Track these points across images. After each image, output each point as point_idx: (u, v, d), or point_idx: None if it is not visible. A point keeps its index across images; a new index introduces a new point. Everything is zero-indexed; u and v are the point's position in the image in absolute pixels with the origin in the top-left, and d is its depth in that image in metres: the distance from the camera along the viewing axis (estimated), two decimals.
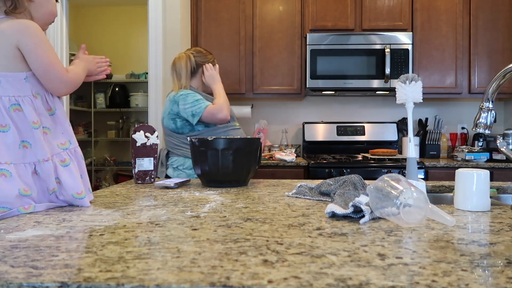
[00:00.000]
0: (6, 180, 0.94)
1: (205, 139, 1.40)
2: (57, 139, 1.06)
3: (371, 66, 3.04)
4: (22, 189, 0.96)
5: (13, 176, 0.95)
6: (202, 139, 1.41)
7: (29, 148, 0.99)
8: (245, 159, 1.42)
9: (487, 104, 1.16)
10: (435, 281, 0.51)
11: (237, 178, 1.42)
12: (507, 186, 1.51)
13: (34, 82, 1.01)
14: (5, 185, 0.94)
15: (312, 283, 0.50)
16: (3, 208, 0.93)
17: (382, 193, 0.81)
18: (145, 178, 1.52)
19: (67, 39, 3.23)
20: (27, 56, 0.98)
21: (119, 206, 1.05)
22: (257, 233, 0.76)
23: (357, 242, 0.69)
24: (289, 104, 3.48)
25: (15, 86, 0.98)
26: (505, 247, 0.67)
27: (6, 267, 0.56)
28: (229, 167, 1.39)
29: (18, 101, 0.98)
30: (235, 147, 1.39)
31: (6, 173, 0.95)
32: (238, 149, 1.40)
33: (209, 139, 1.39)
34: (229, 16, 3.14)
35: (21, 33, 0.97)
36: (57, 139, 1.06)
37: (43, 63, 1.00)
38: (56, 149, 1.05)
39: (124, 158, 4.77)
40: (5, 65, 0.97)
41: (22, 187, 0.96)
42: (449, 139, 3.40)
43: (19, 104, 0.98)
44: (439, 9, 3.13)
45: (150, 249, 0.65)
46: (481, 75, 3.11)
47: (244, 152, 1.41)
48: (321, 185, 1.21)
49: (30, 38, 0.98)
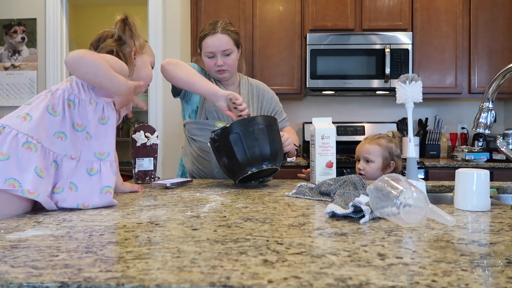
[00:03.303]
0: (30, 153, 0.95)
1: (223, 129, 1.34)
2: (97, 147, 1.06)
3: (371, 66, 3.04)
4: (39, 168, 0.95)
5: (37, 152, 0.96)
6: (221, 131, 1.35)
7: (62, 140, 1.02)
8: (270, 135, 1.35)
9: (487, 104, 1.16)
10: (435, 281, 0.51)
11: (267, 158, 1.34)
12: (507, 186, 1.51)
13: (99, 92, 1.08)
14: (28, 157, 0.95)
15: (312, 283, 0.50)
16: (11, 180, 0.92)
17: (382, 193, 0.81)
18: (145, 178, 1.52)
19: (67, 39, 3.23)
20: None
21: (119, 206, 1.05)
22: (257, 233, 0.76)
23: (357, 242, 0.69)
24: (289, 104, 3.48)
25: (83, 91, 1.07)
26: (505, 247, 0.67)
27: (6, 267, 0.56)
28: (254, 146, 1.32)
29: (74, 100, 1.05)
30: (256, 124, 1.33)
31: (33, 147, 0.96)
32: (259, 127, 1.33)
33: (226, 126, 1.34)
34: (229, 16, 3.14)
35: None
36: (97, 147, 1.06)
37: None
38: (91, 156, 1.05)
39: (124, 158, 4.76)
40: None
41: (40, 167, 0.96)
42: (449, 139, 3.40)
43: (74, 102, 1.05)
44: (439, 9, 3.13)
45: (150, 249, 0.65)
46: (481, 75, 3.12)
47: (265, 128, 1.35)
48: (321, 185, 1.21)
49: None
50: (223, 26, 1.67)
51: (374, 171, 1.67)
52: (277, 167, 1.40)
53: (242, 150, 1.32)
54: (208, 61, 1.69)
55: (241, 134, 1.32)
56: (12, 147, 0.94)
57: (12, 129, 0.96)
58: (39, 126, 0.99)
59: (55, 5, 3.11)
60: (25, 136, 0.96)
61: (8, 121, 0.99)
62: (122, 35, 1.18)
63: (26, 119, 0.99)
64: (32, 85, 3.15)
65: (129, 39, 1.19)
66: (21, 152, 0.95)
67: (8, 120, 1.00)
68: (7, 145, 0.94)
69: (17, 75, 3.16)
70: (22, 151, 0.95)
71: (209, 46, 1.66)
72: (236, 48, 1.71)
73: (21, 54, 3.16)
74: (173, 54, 3.00)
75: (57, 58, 3.12)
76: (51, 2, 3.10)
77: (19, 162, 0.94)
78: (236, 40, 1.70)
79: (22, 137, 0.96)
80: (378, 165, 1.67)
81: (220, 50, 1.65)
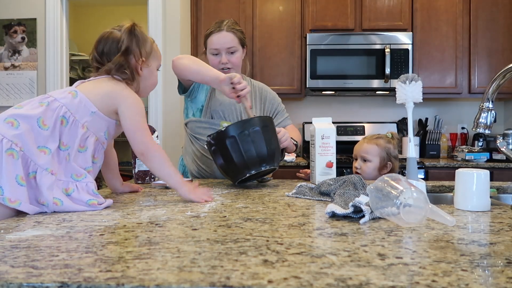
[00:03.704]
0: (12, 160, 0.94)
1: (218, 133, 1.35)
2: (74, 169, 1.04)
3: (371, 66, 3.04)
4: (20, 176, 0.94)
5: (19, 160, 0.95)
6: (216, 135, 1.35)
7: (45, 155, 0.99)
8: (266, 136, 1.35)
9: (487, 104, 1.16)
10: (435, 281, 0.51)
11: (265, 159, 1.34)
12: (507, 186, 1.51)
13: (95, 122, 1.07)
14: (9, 164, 0.93)
15: (312, 283, 0.50)
16: None
17: (382, 193, 0.81)
18: (145, 178, 1.51)
19: (67, 39, 3.23)
20: (121, 116, 1.10)
21: (119, 206, 1.05)
22: (257, 233, 0.76)
23: (357, 242, 0.69)
24: (289, 104, 3.48)
25: (81, 111, 1.05)
26: (505, 247, 0.67)
27: (6, 267, 0.56)
28: (251, 149, 1.32)
29: (68, 118, 1.03)
30: (250, 127, 1.32)
31: (15, 154, 0.94)
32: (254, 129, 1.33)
33: (222, 130, 1.34)
34: (229, 16, 3.13)
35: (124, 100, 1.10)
36: (74, 169, 1.04)
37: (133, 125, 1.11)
38: (68, 176, 1.03)
39: (124, 158, 4.76)
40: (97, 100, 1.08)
41: (21, 175, 0.94)
42: (449, 139, 3.40)
43: (68, 119, 1.03)
44: (439, 9, 3.13)
45: (150, 249, 0.65)
46: (481, 75, 3.11)
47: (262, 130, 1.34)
48: (321, 185, 1.21)
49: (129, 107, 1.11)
50: (229, 24, 1.69)
51: (371, 170, 1.67)
52: (275, 167, 1.40)
53: (239, 153, 1.32)
54: (213, 59, 1.70)
55: (237, 137, 1.32)
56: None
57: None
58: (24, 134, 0.97)
59: (55, 5, 3.11)
60: (10, 143, 0.94)
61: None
62: (129, 46, 1.14)
63: (14, 125, 0.97)
64: (32, 85, 3.15)
65: (136, 48, 1.14)
66: (4, 158, 0.93)
67: None
68: None
69: (17, 75, 3.16)
70: (5, 157, 0.93)
71: (214, 43, 1.67)
72: (241, 47, 1.72)
73: (21, 54, 3.16)
74: (173, 54, 3.00)
75: (57, 58, 3.12)
76: (51, 2, 3.10)
77: (2, 169, 0.92)
78: (241, 39, 1.72)
79: (7, 143, 0.94)
80: (375, 165, 1.68)
81: (225, 48, 1.66)
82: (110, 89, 1.10)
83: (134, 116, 1.10)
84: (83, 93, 1.07)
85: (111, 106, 1.09)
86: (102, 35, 1.17)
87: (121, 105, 1.10)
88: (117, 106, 1.10)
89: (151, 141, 1.12)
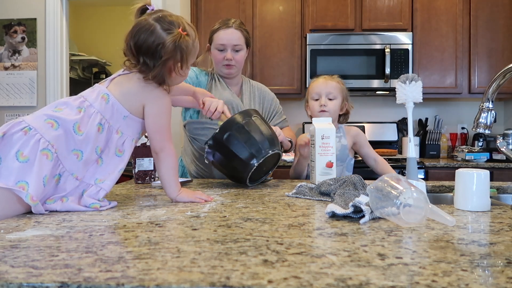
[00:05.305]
0: (45, 160, 0.95)
1: (214, 136, 1.34)
2: (102, 174, 1.06)
3: (371, 66, 3.04)
4: (47, 178, 0.96)
5: (52, 161, 0.96)
6: (213, 139, 1.35)
7: (77, 159, 1.01)
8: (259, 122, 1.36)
9: (487, 104, 1.16)
10: (435, 281, 0.51)
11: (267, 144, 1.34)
12: (507, 186, 1.51)
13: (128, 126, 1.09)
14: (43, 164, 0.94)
15: (312, 283, 0.50)
16: (22, 183, 0.92)
17: (382, 193, 0.81)
18: (145, 178, 1.52)
19: (67, 39, 3.23)
20: (145, 113, 1.11)
21: (119, 206, 1.05)
22: (257, 233, 0.76)
23: (357, 242, 0.69)
24: (289, 104, 3.48)
25: (115, 117, 1.07)
26: (505, 247, 0.67)
27: (6, 267, 0.56)
28: (251, 138, 1.32)
29: (104, 124, 1.05)
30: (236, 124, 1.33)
31: (49, 155, 0.96)
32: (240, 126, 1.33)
33: (216, 132, 1.33)
34: (229, 16, 3.13)
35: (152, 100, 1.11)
36: (102, 174, 1.06)
37: (155, 125, 1.12)
38: (92, 179, 1.05)
39: None
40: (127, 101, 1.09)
41: (48, 176, 0.96)
42: (449, 139, 3.40)
43: (104, 126, 1.05)
44: (439, 9, 3.12)
45: (150, 249, 0.65)
46: (481, 75, 3.11)
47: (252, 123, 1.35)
48: (321, 185, 1.21)
49: (154, 107, 1.11)
50: (237, 23, 1.71)
51: (336, 108, 1.67)
52: (279, 151, 1.41)
53: (241, 146, 1.32)
54: (217, 54, 1.70)
55: (234, 132, 1.32)
56: (32, 151, 0.94)
57: (37, 133, 0.96)
58: (61, 137, 0.99)
59: (55, 5, 3.11)
60: (46, 143, 0.96)
61: (36, 123, 0.98)
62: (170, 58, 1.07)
63: (53, 127, 0.99)
64: (32, 85, 3.15)
65: (178, 59, 1.09)
66: (38, 157, 0.95)
67: (36, 122, 0.98)
68: (29, 148, 0.94)
69: (17, 75, 3.16)
70: (39, 156, 0.95)
71: (221, 38, 1.68)
72: (246, 47, 1.74)
73: (21, 54, 3.16)
74: None
75: (57, 58, 3.12)
76: (51, 2, 3.10)
77: (34, 167, 0.94)
78: (247, 38, 1.73)
79: (44, 143, 0.96)
80: (339, 102, 1.68)
81: (232, 44, 1.68)
82: (140, 89, 1.10)
83: (158, 117, 1.12)
84: (114, 96, 1.07)
85: (140, 106, 1.11)
86: (143, 26, 1.10)
87: (148, 104, 1.11)
88: (144, 104, 1.11)
89: (168, 145, 1.13)
